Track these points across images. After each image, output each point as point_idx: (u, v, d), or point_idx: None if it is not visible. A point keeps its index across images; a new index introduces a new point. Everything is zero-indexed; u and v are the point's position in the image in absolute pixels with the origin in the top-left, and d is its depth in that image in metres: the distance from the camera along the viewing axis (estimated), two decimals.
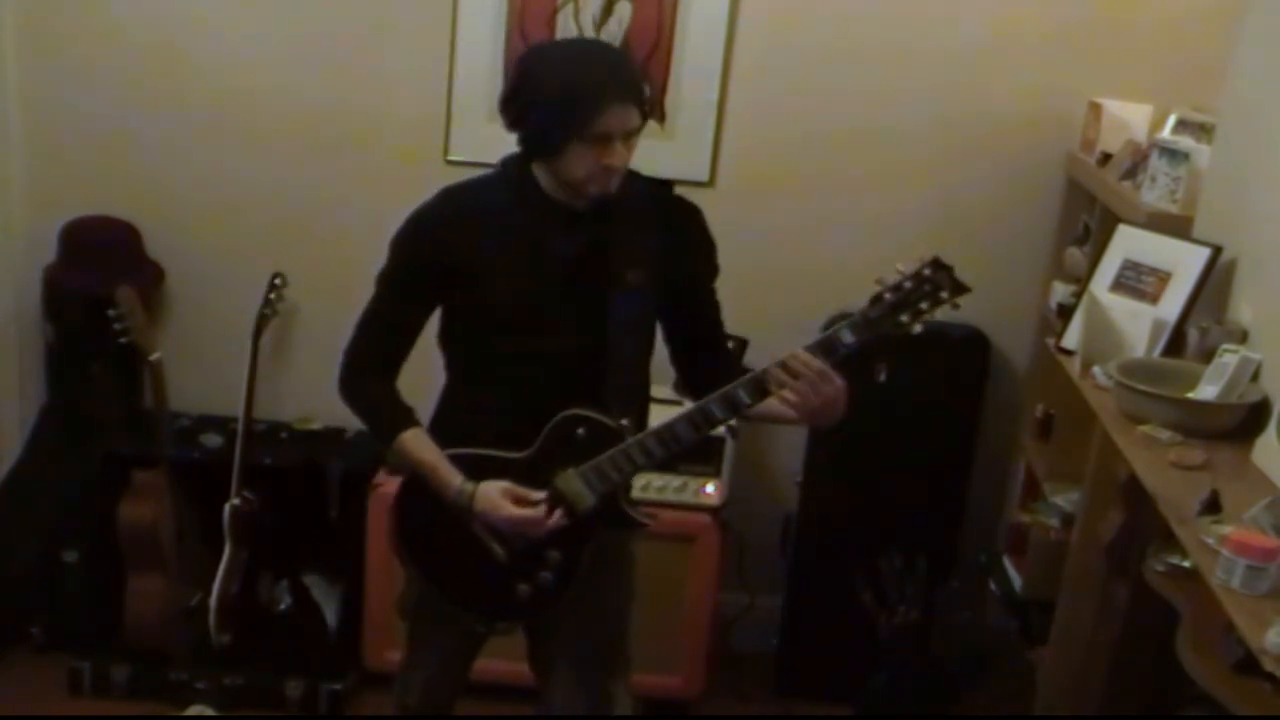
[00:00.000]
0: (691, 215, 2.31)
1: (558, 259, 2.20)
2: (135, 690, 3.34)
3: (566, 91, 2.07)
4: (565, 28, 3.39)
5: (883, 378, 3.40)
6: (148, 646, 3.36)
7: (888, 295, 2.05)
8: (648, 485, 3.25)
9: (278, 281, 3.45)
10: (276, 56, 3.46)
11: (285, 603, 3.60)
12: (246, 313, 3.42)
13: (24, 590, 3.48)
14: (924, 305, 2.05)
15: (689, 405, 2.20)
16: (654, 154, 3.40)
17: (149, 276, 3.54)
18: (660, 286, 2.24)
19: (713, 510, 3.28)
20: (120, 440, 3.48)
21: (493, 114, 3.39)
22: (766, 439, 3.65)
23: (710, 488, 3.28)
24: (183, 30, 3.44)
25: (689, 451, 3.16)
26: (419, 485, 2.28)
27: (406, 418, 2.27)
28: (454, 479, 2.21)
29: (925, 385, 3.41)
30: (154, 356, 3.30)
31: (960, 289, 2.04)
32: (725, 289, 2.35)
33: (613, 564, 2.38)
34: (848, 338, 2.08)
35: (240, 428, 3.35)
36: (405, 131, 3.48)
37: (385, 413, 2.28)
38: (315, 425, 3.58)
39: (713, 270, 2.35)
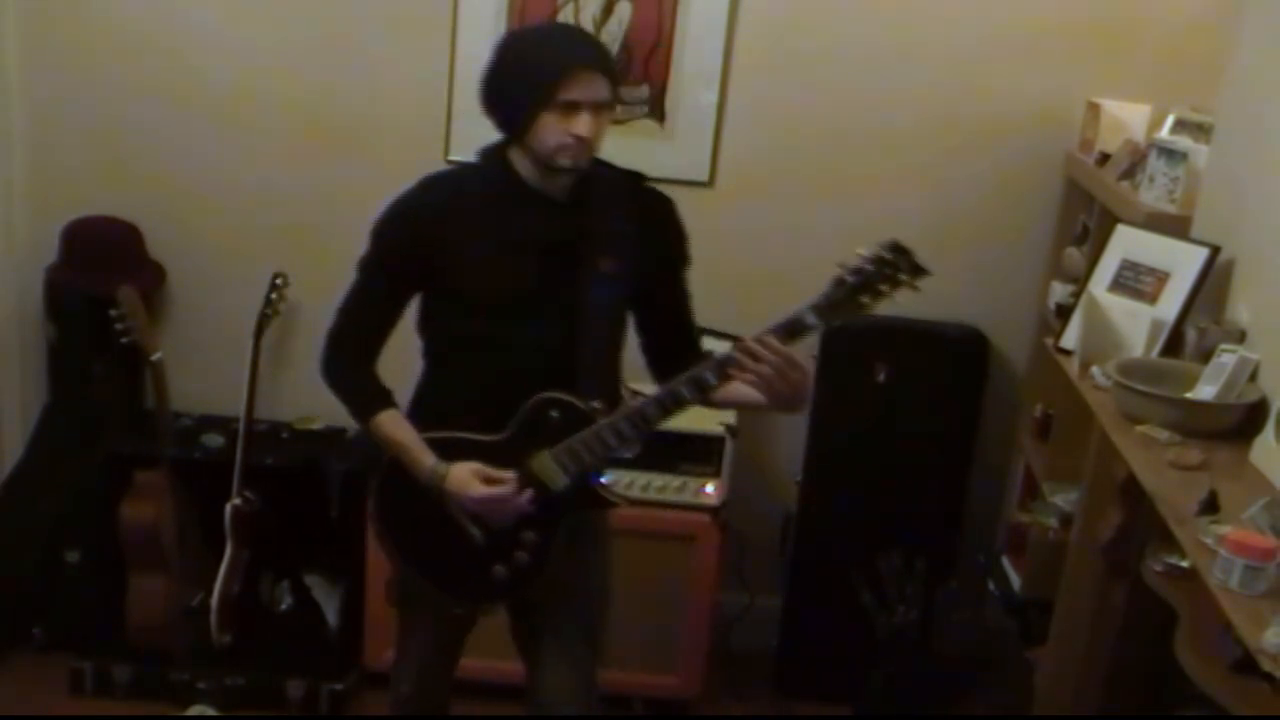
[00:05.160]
0: (665, 206, 2.37)
1: (534, 246, 2.25)
2: (137, 690, 3.34)
3: (534, 62, 2.16)
4: None
5: (882, 378, 3.41)
6: (149, 646, 3.37)
7: (849, 278, 2.09)
8: (648, 485, 3.26)
9: (279, 282, 3.46)
10: (278, 57, 3.46)
11: (286, 603, 3.61)
12: (248, 313, 3.42)
13: (26, 590, 3.49)
14: (884, 287, 2.08)
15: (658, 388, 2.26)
16: (654, 154, 3.46)
17: (150, 277, 3.55)
18: (634, 275, 2.30)
19: (713, 510, 3.28)
20: (122, 440, 3.48)
21: None
22: (766, 439, 3.66)
23: (710, 488, 3.28)
24: (184, 31, 3.45)
25: (687, 451, 3.25)
26: (399, 470, 2.33)
27: (383, 399, 2.33)
28: (427, 459, 2.28)
29: (925, 385, 3.42)
30: (155, 356, 3.30)
31: (919, 271, 2.07)
32: (724, 289, 2.36)
33: (592, 543, 2.44)
34: (811, 319, 2.12)
35: (241, 428, 3.36)
36: (406, 131, 3.48)
37: (363, 394, 2.34)
38: (316, 425, 3.59)
39: (684, 260, 2.40)
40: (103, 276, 3.36)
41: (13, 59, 3.46)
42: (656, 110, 3.45)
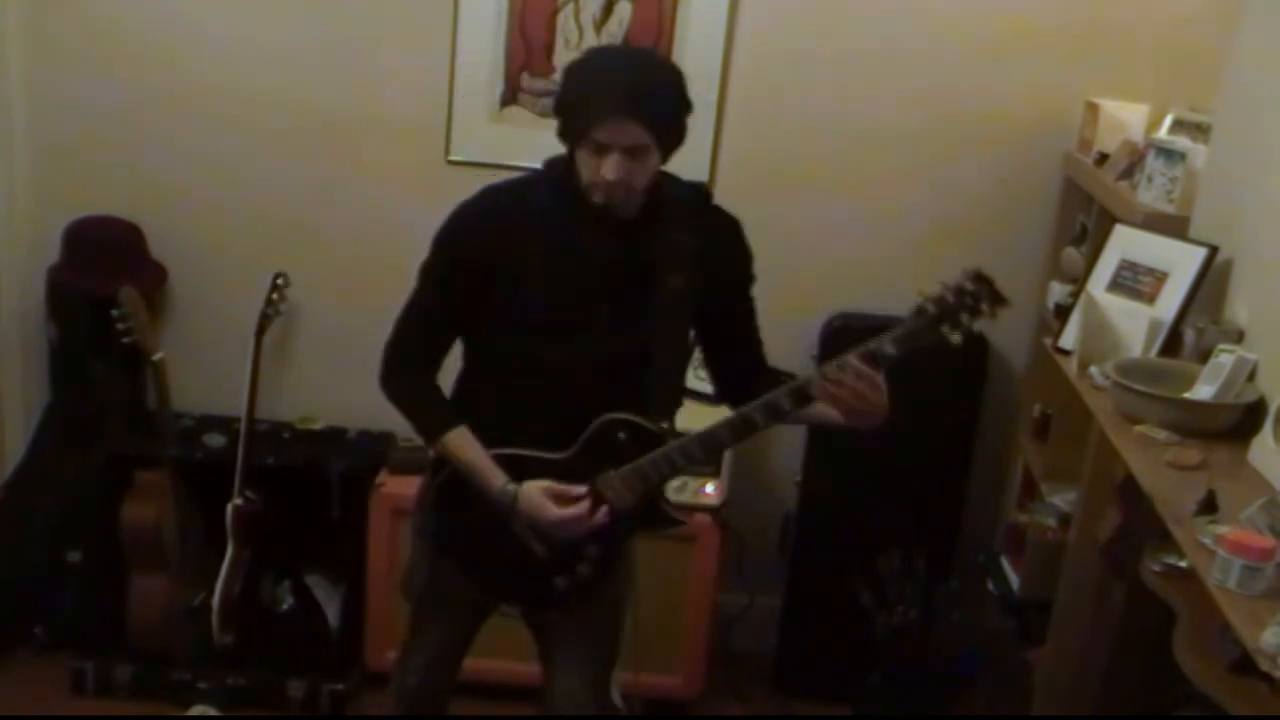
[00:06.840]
0: (731, 225, 2.33)
1: (597, 262, 2.20)
2: (138, 690, 3.35)
3: (578, 96, 2.13)
4: (565, 28, 3.40)
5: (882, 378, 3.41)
6: (150, 646, 3.37)
7: (930, 307, 2.06)
8: None
9: (280, 281, 3.46)
10: (279, 57, 3.47)
11: (287, 603, 3.61)
12: (249, 313, 3.43)
13: (27, 590, 3.49)
14: (964, 317, 2.06)
15: (730, 412, 2.25)
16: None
17: (152, 277, 3.55)
18: (700, 293, 2.25)
19: (713, 510, 3.28)
20: (123, 440, 3.49)
21: (493, 114, 3.46)
22: (766, 439, 3.65)
23: (710, 488, 3.28)
24: (186, 31, 3.45)
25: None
26: (459, 480, 2.30)
27: (451, 418, 2.28)
28: (497, 479, 2.24)
29: (923, 385, 3.40)
30: (157, 356, 3.31)
31: (999, 300, 2.04)
32: None
33: (622, 554, 2.44)
34: (890, 350, 2.09)
35: (243, 428, 3.36)
36: (406, 132, 3.49)
37: (429, 411, 2.30)
38: (317, 425, 3.59)
39: (749, 279, 2.37)
40: (104, 277, 3.36)
41: (15, 59, 3.46)
42: None
